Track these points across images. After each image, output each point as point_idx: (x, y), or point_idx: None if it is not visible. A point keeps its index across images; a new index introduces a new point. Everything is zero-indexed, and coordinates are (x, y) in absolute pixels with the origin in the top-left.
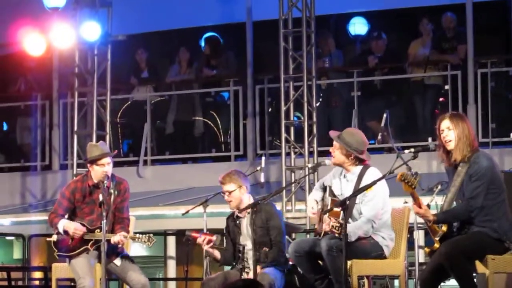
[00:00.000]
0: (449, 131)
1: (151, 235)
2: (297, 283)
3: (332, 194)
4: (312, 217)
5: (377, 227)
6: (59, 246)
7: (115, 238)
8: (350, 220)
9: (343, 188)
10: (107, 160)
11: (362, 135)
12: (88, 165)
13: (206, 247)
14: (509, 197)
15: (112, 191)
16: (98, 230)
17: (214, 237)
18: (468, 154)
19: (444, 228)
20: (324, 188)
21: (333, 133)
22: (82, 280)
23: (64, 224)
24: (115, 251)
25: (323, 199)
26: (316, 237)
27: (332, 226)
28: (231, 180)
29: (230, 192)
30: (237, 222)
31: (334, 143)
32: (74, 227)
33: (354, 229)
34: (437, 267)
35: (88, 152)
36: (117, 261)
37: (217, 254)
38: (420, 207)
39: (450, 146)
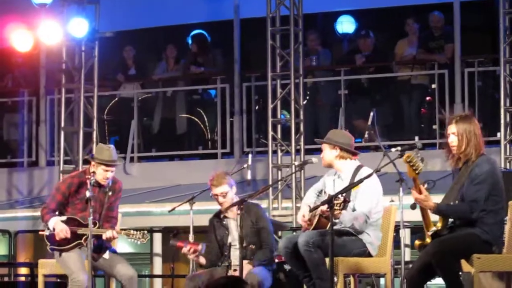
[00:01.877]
0: (455, 136)
1: (145, 232)
2: (284, 280)
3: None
4: (302, 222)
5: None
6: (52, 240)
7: (107, 234)
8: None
9: (336, 186)
10: (113, 168)
11: (346, 132)
12: (93, 163)
13: (191, 257)
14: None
15: (107, 190)
16: (92, 226)
17: (199, 247)
18: (473, 158)
19: (439, 225)
20: (318, 194)
21: (318, 140)
22: (76, 275)
23: (54, 222)
24: (104, 246)
25: (315, 203)
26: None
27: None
28: (224, 182)
29: (224, 194)
30: (224, 222)
31: (322, 146)
32: (60, 229)
33: (350, 217)
34: (424, 266)
35: (98, 152)
36: (106, 255)
37: (202, 260)
38: (420, 192)
39: (455, 151)
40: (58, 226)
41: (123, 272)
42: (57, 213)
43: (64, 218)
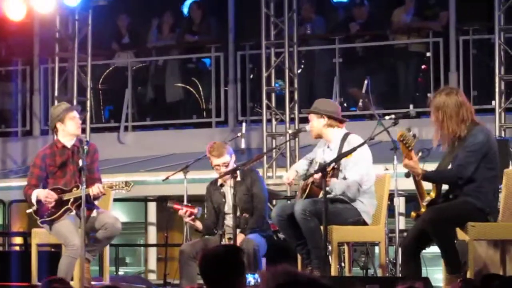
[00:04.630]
0: (435, 115)
1: (128, 180)
2: (279, 249)
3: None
4: (285, 183)
5: (360, 193)
6: (40, 214)
7: (94, 190)
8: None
9: (326, 157)
10: (76, 113)
11: (331, 101)
12: (58, 125)
13: (187, 220)
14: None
15: (81, 151)
16: (75, 189)
17: (195, 210)
18: (463, 132)
19: (433, 194)
20: (310, 162)
21: (305, 110)
22: (70, 239)
23: (37, 194)
24: (91, 206)
25: (307, 171)
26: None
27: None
28: (224, 151)
29: (227, 164)
30: (221, 190)
31: (310, 116)
32: (45, 195)
33: (340, 184)
34: (419, 233)
35: (55, 113)
36: (93, 213)
37: (198, 225)
38: (410, 158)
39: (440, 129)
40: (41, 194)
41: (107, 220)
42: (40, 186)
43: (45, 190)
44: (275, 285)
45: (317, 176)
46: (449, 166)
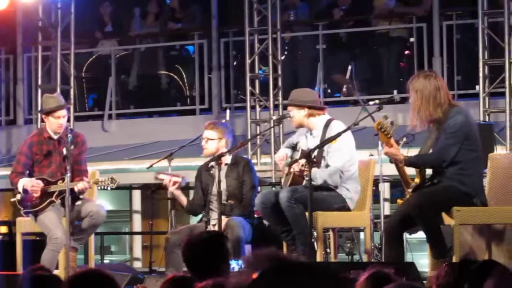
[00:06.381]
0: (413, 98)
1: (113, 176)
2: (264, 236)
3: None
4: (278, 160)
5: (343, 179)
6: (24, 204)
7: (79, 186)
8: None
9: (309, 144)
10: (63, 112)
11: (308, 89)
12: (43, 116)
13: (171, 189)
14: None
15: (68, 143)
16: (61, 181)
17: (179, 179)
18: (439, 115)
19: (417, 180)
20: (292, 147)
21: (285, 103)
22: (53, 232)
23: (23, 183)
24: (76, 197)
25: (291, 157)
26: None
27: (303, 165)
28: (214, 129)
29: (208, 139)
30: (211, 172)
31: (289, 108)
32: (31, 184)
33: (322, 173)
34: (404, 217)
35: (44, 103)
36: (78, 202)
37: (183, 198)
38: (391, 146)
39: (416, 113)
40: (28, 183)
41: (92, 208)
42: (26, 174)
43: (32, 179)
44: (260, 271)
45: (297, 168)
46: (431, 151)
